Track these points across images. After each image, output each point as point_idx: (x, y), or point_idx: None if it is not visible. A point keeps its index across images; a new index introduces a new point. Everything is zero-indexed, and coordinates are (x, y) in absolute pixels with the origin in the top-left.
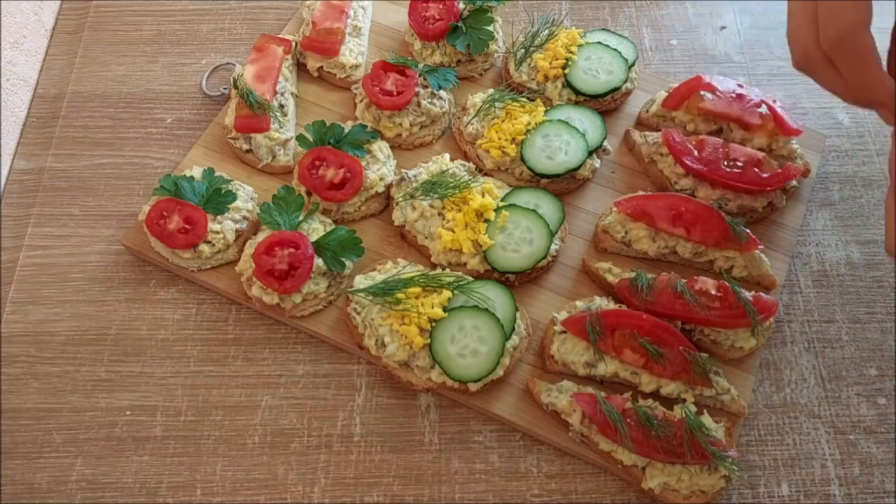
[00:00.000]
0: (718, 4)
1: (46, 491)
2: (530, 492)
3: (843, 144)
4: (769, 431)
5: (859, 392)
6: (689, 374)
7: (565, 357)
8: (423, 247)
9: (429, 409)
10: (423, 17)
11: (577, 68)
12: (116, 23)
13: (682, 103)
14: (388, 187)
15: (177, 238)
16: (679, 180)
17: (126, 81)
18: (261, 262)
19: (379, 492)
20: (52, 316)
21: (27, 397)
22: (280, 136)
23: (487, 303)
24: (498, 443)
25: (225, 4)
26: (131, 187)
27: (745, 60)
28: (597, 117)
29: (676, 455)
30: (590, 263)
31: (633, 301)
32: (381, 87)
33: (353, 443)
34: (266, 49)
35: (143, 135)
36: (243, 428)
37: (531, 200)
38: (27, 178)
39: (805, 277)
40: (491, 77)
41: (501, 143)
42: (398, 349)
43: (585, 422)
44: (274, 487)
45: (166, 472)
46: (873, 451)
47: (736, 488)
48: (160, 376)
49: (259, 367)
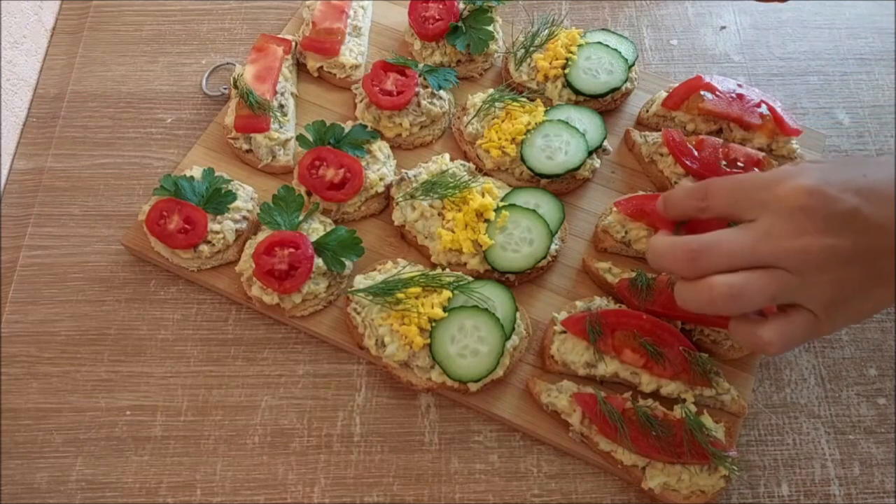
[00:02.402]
0: (718, 4)
1: (46, 491)
2: (530, 492)
3: (843, 144)
4: (769, 431)
5: (859, 392)
6: (689, 374)
7: (565, 357)
8: (423, 247)
9: (429, 409)
10: (423, 17)
11: (577, 68)
12: (116, 23)
13: (682, 103)
14: (388, 187)
15: (177, 238)
16: (679, 180)
17: (126, 81)
18: (261, 262)
19: (379, 492)
20: (52, 316)
21: (27, 397)
22: (280, 136)
23: (487, 303)
24: (498, 443)
25: (225, 4)
26: (131, 187)
27: (745, 60)
28: (597, 117)
29: (676, 455)
30: (590, 263)
31: (633, 301)
32: (381, 87)
33: (353, 443)
34: (266, 49)
35: (143, 135)
36: (243, 428)
37: (531, 200)
38: (27, 178)
39: None
40: (491, 77)
41: (501, 143)
42: (398, 349)
43: (585, 422)
44: (274, 487)
45: (166, 472)
46: (873, 451)
47: (736, 488)
48: (160, 376)
49: (259, 367)
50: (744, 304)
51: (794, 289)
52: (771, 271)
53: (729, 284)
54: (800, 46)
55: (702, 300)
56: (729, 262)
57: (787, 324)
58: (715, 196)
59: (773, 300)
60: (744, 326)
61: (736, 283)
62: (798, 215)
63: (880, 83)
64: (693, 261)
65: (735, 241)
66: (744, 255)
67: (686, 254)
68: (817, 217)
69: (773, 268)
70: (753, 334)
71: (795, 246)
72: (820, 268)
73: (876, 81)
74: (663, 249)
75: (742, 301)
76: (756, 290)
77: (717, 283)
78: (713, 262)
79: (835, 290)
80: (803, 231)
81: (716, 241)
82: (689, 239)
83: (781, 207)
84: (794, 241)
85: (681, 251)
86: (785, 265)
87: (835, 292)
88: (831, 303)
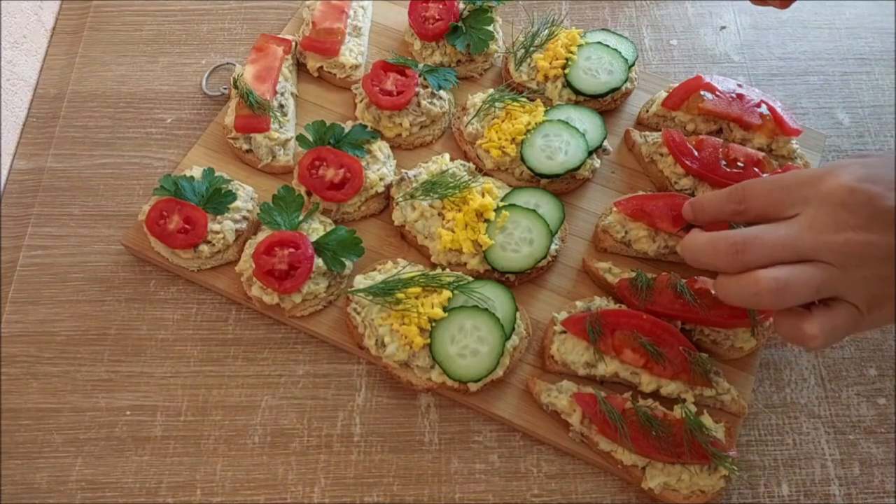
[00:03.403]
0: (718, 4)
1: (46, 491)
2: (530, 492)
3: (843, 144)
4: (769, 431)
5: (859, 392)
6: (689, 374)
7: (565, 357)
8: (423, 247)
9: (429, 409)
10: (423, 17)
11: (577, 68)
12: (116, 23)
13: (682, 103)
14: (388, 187)
15: (177, 238)
16: (679, 180)
17: (126, 81)
18: (261, 262)
19: (379, 492)
20: (52, 316)
21: (27, 397)
22: (280, 136)
23: (487, 303)
24: (498, 443)
25: (225, 4)
26: (131, 187)
27: (744, 60)
28: (597, 117)
29: (676, 455)
30: (590, 263)
31: (633, 301)
32: (381, 87)
33: (353, 443)
34: (266, 49)
35: (143, 135)
36: (243, 428)
37: (531, 200)
38: (27, 178)
39: None
40: (491, 77)
41: (501, 143)
42: (398, 349)
43: (585, 422)
44: (274, 487)
45: (166, 472)
46: (873, 451)
47: (736, 488)
48: (160, 376)
49: (259, 367)
50: (789, 298)
51: (837, 282)
52: (815, 264)
53: (775, 278)
54: (800, 46)
55: (746, 294)
56: (772, 256)
57: (830, 317)
58: (754, 197)
59: (817, 293)
60: (788, 320)
61: (782, 276)
62: (841, 211)
63: (880, 83)
64: (737, 254)
65: (778, 235)
66: (787, 248)
67: (729, 247)
68: (860, 213)
69: (816, 261)
70: (798, 328)
71: (838, 240)
72: (861, 263)
73: (876, 81)
74: (703, 245)
75: (787, 294)
76: (802, 284)
77: (762, 276)
78: (756, 256)
79: (876, 286)
80: (845, 226)
81: (759, 235)
82: (732, 233)
83: (824, 203)
84: (836, 236)
85: (724, 245)
86: (827, 258)
87: (876, 288)
88: (873, 298)
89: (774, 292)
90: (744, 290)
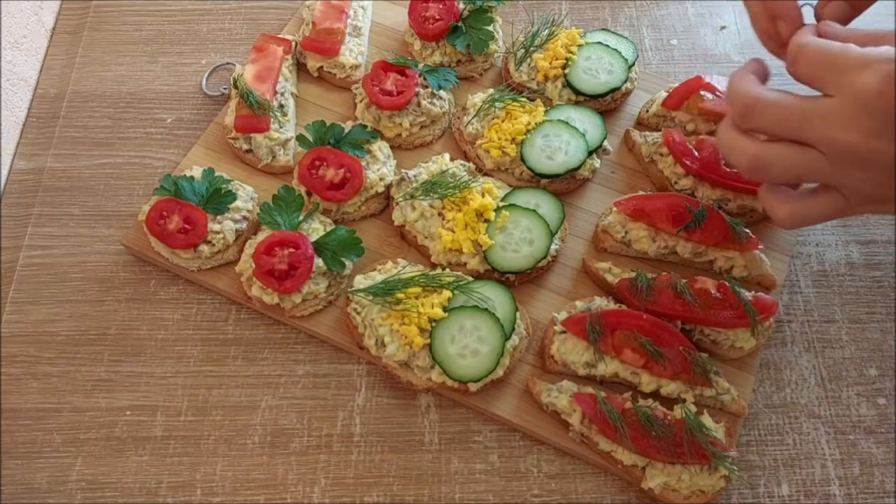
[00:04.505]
0: (718, 4)
1: (46, 491)
2: (530, 492)
3: None
4: (769, 431)
5: (859, 392)
6: (689, 374)
7: (565, 357)
8: (423, 247)
9: (429, 409)
10: (423, 17)
11: (577, 68)
12: (116, 23)
13: (682, 103)
14: (388, 187)
15: (177, 238)
16: (679, 180)
17: (126, 81)
18: (261, 262)
19: (379, 492)
20: (52, 316)
21: (27, 397)
22: (280, 136)
23: (487, 303)
24: (498, 443)
25: (225, 4)
26: (131, 187)
27: (744, 60)
28: (597, 117)
29: (676, 455)
30: (590, 263)
31: (633, 301)
32: (381, 87)
33: (353, 443)
34: (266, 49)
35: (143, 135)
36: (243, 428)
37: (531, 200)
38: (27, 178)
39: (805, 277)
40: (491, 77)
41: (501, 143)
42: (398, 349)
43: (585, 422)
44: (274, 487)
45: (166, 472)
46: (873, 451)
47: (736, 488)
48: (160, 376)
49: (259, 367)
50: (765, 177)
51: (825, 174)
52: (806, 151)
53: (756, 156)
54: None
55: (731, 153)
56: (775, 127)
57: (807, 204)
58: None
59: (797, 179)
60: (768, 196)
61: (764, 156)
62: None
63: None
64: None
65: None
66: (791, 125)
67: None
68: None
69: (811, 147)
70: (771, 206)
71: (841, 138)
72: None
73: None
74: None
75: (764, 174)
76: (782, 168)
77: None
78: (761, 120)
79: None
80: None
81: (774, 102)
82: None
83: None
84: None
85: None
86: (824, 150)
87: (872, 189)
88: (867, 195)
89: (752, 170)
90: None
